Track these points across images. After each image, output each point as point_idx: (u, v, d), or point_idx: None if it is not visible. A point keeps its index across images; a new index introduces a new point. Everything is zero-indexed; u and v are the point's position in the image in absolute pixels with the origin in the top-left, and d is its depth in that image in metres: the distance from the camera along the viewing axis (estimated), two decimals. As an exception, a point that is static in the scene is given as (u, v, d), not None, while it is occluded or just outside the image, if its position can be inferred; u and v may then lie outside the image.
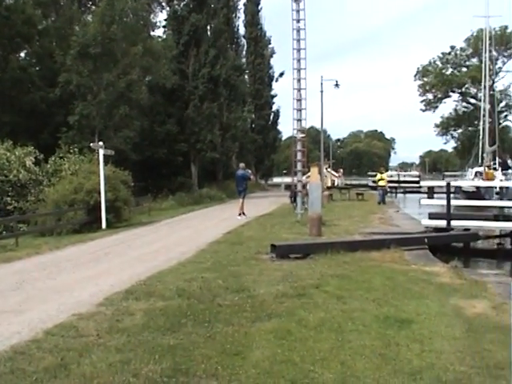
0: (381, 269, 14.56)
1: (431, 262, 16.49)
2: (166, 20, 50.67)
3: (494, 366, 7.45)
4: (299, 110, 27.32)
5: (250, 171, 32.04)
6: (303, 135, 27.75)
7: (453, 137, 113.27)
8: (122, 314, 9.79)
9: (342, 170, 63.24)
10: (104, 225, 25.62)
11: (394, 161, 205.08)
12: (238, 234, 22.04)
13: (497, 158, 59.36)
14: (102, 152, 25.77)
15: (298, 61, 26.98)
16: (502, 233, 24.70)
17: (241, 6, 67.78)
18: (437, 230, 22.99)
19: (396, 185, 78.96)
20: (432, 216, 24.50)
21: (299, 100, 27.22)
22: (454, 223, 22.86)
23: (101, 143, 26.84)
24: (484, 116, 68.93)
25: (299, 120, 27.42)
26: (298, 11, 26.71)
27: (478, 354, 7.94)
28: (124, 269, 14.69)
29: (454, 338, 8.69)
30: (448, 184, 24.37)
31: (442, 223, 22.96)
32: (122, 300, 10.77)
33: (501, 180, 50.00)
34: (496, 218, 23.99)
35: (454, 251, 21.95)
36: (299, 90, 27.18)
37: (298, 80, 27.15)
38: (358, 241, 19.15)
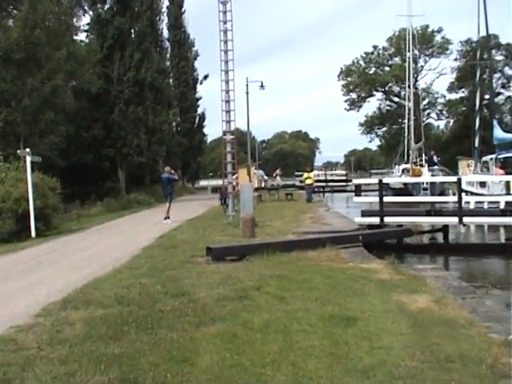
0: (319, 268, 14.56)
1: (368, 259, 16.60)
2: (88, 24, 49.96)
3: (444, 360, 7.48)
4: (228, 112, 27.13)
5: (174, 173, 31.64)
6: (232, 137, 27.59)
7: (377, 135, 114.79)
8: (61, 324, 9.46)
9: (278, 171, 63.26)
10: (33, 233, 25.00)
11: (318, 160, 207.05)
12: (170, 237, 21.77)
13: (423, 155, 60.36)
14: (29, 159, 25.19)
15: (226, 62, 26.82)
16: (434, 228, 25.05)
17: (164, 8, 67.51)
18: (370, 227, 23.20)
19: (324, 184, 79.53)
20: (365, 213, 24.68)
21: (228, 101, 27.05)
22: (386, 220, 23.11)
23: (28, 150, 26.20)
24: (409, 114, 70.06)
25: (228, 121, 27.24)
26: (224, 12, 26.58)
27: (428, 348, 7.96)
28: (58, 277, 14.30)
29: (402, 333, 8.69)
30: (380, 181, 24.63)
31: (376, 220, 23.20)
32: (60, 310, 10.41)
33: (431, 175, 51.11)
34: (428, 214, 24.34)
35: (388, 247, 22.09)
36: (227, 91, 27.01)
37: (226, 81, 26.98)
38: (293, 241, 19.13)
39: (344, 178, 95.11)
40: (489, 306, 11.17)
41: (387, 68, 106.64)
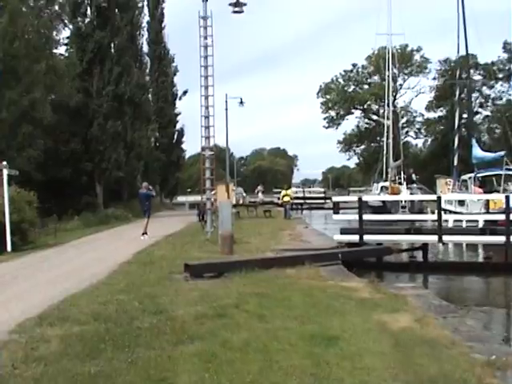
0: (298, 286, 14.47)
1: (348, 278, 16.52)
2: (68, 38, 49.65)
3: (428, 381, 7.44)
4: (207, 128, 27.03)
5: (152, 189, 31.43)
6: (212, 153, 27.46)
7: (355, 153, 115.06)
8: (36, 341, 9.19)
9: (260, 187, 63.19)
10: (9, 247, 24.60)
11: (296, 177, 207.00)
12: (148, 253, 21.52)
13: (402, 173, 60.44)
14: (6, 172, 24.88)
15: (206, 78, 26.73)
16: (414, 246, 25.01)
17: (144, 23, 67.29)
18: (349, 245, 23.12)
19: (302, 201, 79.44)
20: (344, 231, 24.54)
21: (207, 117, 26.95)
22: (366, 238, 23.05)
23: (4, 163, 25.87)
24: (387, 132, 70.17)
25: (207, 137, 27.12)
26: (205, 28, 26.51)
27: (410, 368, 7.88)
28: (34, 293, 14.02)
29: (383, 353, 8.59)
30: (360, 199, 24.59)
31: (355, 238, 23.11)
32: (35, 326, 10.15)
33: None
34: (407, 232, 24.29)
35: (367, 265, 22.08)
36: (207, 107, 26.92)
37: (206, 97, 26.89)
38: (272, 258, 19.00)
39: (322, 195, 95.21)
40: (470, 326, 11.14)
41: (366, 86, 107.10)
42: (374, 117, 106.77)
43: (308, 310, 11.35)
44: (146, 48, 69.53)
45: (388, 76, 70.27)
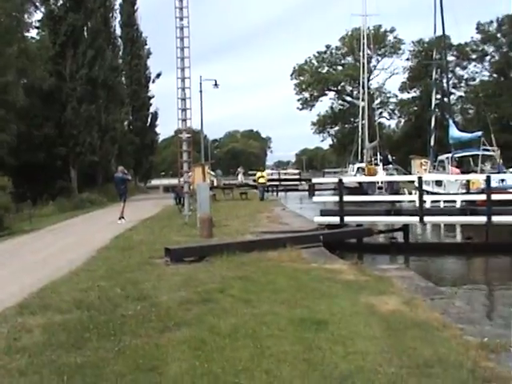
0: (282, 269, 14.28)
1: (331, 260, 16.37)
2: (39, 21, 48.96)
3: (424, 365, 7.27)
4: (184, 110, 26.67)
5: (127, 172, 31.12)
6: (189, 135, 27.13)
7: (329, 134, 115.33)
8: (18, 331, 8.92)
9: (240, 169, 62.98)
10: (-17, 234, 24.30)
11: (270, 159, 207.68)
12: (126, 238, 21.21)
13: (378, 154, 60.55)
14: (-21, 158, 24.54)
15: (182, 59, 26.30)
16: (395, 227, 24.92)
17: (117, 6, 66.54)
18: (329, 226, 22.99)
19: (277, 183, 79.33)
20: (324, 213, 24.41)
21: (183, 99, 26.58)
22: (346, 219, 22.94)
23: (-23, 148, 25.51)
24: (363, 113, 70.28)
25: (184, 120, 26.77)
26: (181, 9, 26.10)
27: (404, 353, 7.73)
28: (12, 280, 13.69)
29: (375, 337, 8.45)
30: (340, 180, 24.45)
31: (335, 220, 22.98)
32: (16, 315, 9.86)
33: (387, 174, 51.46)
34: (388, 213, 24.21)
35: (347, 247, 21.97)
36: (183, 89, 26.54)
37: (182, 79, 26.50)
38: (253, 241, 18.81)
39: (297, 177, 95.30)
40: (459, 307, 11.02)
41: (340, 67, 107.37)
42: (348, 98, 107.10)
43: (294, 294, 11.16)
44: (118, 31, 68.90)
45: (363, 57, 70.29)
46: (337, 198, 23.88)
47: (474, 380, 6.78)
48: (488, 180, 22.62)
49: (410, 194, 33.09)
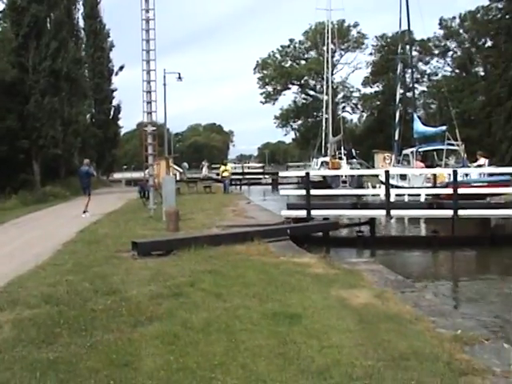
0: (251, 262, 14.25)
1: (299, 253, 16.38)
2: (1, 12, 48.25)
3: (399, 358, 7.28)
4: (149, 103, 26.48)
5: (92, 168, 30.99)
6: (154, 128, 26.94)
7: (292, 128, 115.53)
8: (-14, 327, 8.77)
9: (204, 162, 62.83)
10: None
11: (232, 153, 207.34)
12: (92, 232, 20.95)
13: (342, 148, 60.79)
14: None
15: (148, 52, 26.10)
16: (361, 221, 24.97)
17: (81, -3, 65.85)
18: (296, 220, 22.99)
19: (240, 177, 79.26)
20: (291, 206, 24.40)
21: (149, 92, 26.39)
22: (313, 213, 22.94)
23: None
24: (327, 107, 70.46)
25: (149, 113, 26.58)
26: (146, 0, 25.88)
27: (379, 345, 7.75)
28: (-22, 275, 13.48)
29: (349, 330, 8.45)
30: (307, 174, 24.46)
31: (302, 213, 22.97)
32: (-16, 311, 9.70)
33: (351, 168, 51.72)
34: (354, 207, 24.25)
35: (314, 241, 21.98)
36: (149, 81, 26.35)
37: (148, 71, 26.31)
38: (220, 234, 18.74)
39: (261, 170, 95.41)
40: (430, 300, 11.09)
41: (303, 61, 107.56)
42: (311, 92, 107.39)
43: (265, 288, 11.11)
44: (81, 23, 68.19)
45: (327, 51, 70.48)
46: (304, 192, 23.85)
47: (451, 372, 6.81)
48: (455, 174, 22.80)
49: (374, 187, 33.31)
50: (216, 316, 9.16)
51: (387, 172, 24.10)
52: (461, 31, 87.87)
